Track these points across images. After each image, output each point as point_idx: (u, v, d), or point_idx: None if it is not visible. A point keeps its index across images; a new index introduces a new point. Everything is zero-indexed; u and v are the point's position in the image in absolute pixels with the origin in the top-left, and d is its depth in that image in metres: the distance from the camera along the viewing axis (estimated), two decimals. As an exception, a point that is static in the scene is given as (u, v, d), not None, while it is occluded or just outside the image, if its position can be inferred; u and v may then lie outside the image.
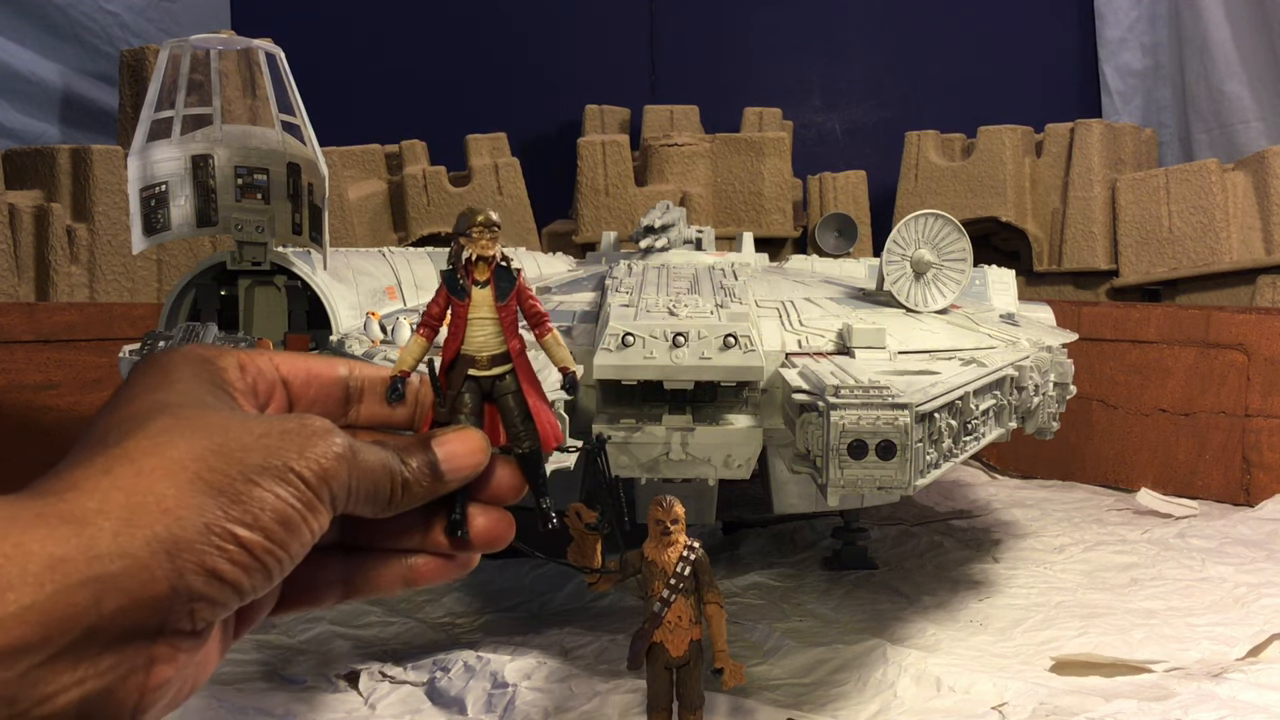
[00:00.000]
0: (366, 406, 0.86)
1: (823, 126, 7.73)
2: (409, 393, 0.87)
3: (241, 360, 0.79)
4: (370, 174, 6.54)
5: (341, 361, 0.86)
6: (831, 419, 2.09)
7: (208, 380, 0.75)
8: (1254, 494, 4.59)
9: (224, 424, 0.69)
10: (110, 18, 6.67)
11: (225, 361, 0.78)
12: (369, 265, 3.60)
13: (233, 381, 0.77)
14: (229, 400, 0.75)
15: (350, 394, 0.85)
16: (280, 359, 0.81)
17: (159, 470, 0.64)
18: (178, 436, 0.67)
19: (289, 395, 0.82)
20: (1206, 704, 2.55)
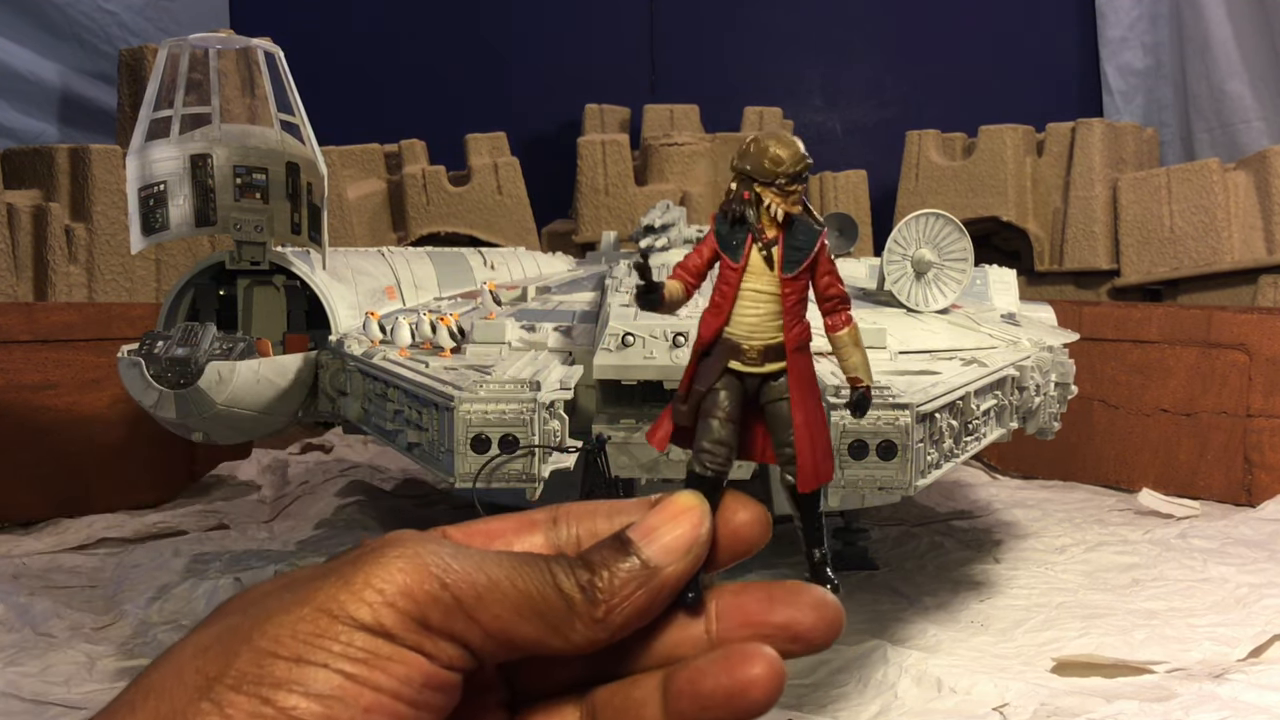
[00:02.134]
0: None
1: (823, 126, 7.72)
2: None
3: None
4: (369, 173, 6.54)
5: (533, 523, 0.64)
6: (832, 419, 2.08)
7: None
8: (1255, 494, 4.58)
9: (262, 608, 0.54)
10: (109, 17, 6.66)
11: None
12: (368, 265, 3.59)
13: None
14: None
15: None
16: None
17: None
18: (201, 655, 0.53)
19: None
20: (1208, 705, 2.54)
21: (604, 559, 0.59)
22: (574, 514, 0.65)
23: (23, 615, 3.23)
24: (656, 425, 0.70)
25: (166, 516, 4.43)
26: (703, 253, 0.69)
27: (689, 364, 0.69)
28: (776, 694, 0.58)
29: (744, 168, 0.67)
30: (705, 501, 0.63)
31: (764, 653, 0.58)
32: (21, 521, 4.29)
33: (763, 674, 0.57)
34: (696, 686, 0.58)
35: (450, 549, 0.56)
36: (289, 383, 3.01)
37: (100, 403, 4.51)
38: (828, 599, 0.63)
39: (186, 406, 2.82)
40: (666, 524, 0.61)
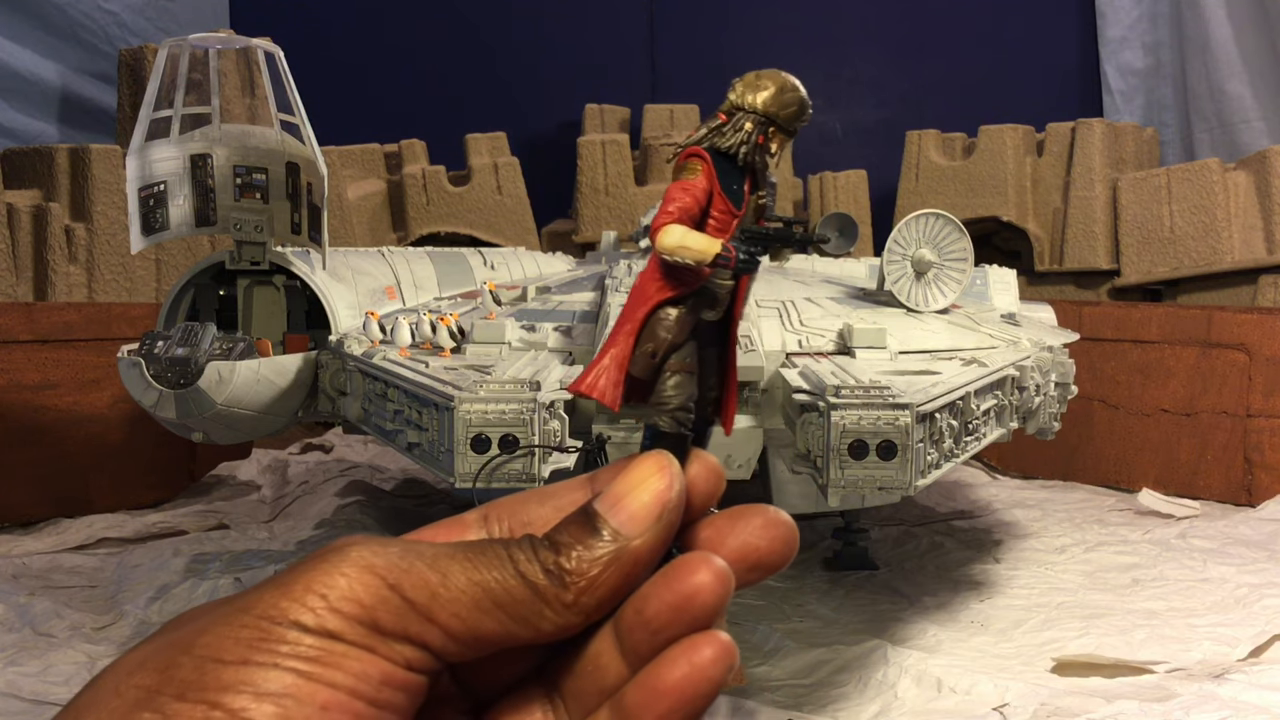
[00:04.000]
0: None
1: (823, 126, 7.72)
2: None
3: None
4: (369, 173, 6.54)
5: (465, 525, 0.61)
6: (832, 419, 2.08)
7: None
8: (1255, 494, 4.58)
9: (197, 628, 0.51)
10: (109, 17, 6.66)
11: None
12: (368, 265, 3.59)
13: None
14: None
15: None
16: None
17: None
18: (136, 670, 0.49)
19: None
20: (1208, 705, 2.54)
21: (571, 536, 0.55)
22: (504, 507, 0.61)
23: (23, 615, 3.23)
24: (594, 378, 0.63)
25: (166, 516, 4.43)
26: (699, 197, 0.65)
27: (643, 309, 0.64)
28: (725, 597, 0.55)
29: (773, 112, 0.65)
30: (675, 461, 0.59)
31: (706, 559, 0.55)
32: (21, 521, 4.29)
33: (708, 579, 0.54)
34: (643, 613, 0.55)
35: (400, 548, 0.53)
36: (289, 383, 3.01)
37: (100, 403, 4.51)
38: (779, 517, 0.59)
39: (186, 406, 2.82)
40: (634, 490, 0.57)
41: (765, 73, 0.66)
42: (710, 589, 0.54)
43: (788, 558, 0.59)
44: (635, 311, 0.64)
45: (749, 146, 0.65)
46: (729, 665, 0.54)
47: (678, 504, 0.57)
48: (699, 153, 0.65)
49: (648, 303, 0.64)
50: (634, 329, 0.63)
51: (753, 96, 0.65)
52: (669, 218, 0.63)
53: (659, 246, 0.62)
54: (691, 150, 0.66)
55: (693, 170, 0.65)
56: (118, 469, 4.54)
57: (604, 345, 0.64)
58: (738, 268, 0.65)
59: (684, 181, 0.65)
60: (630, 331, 0.63)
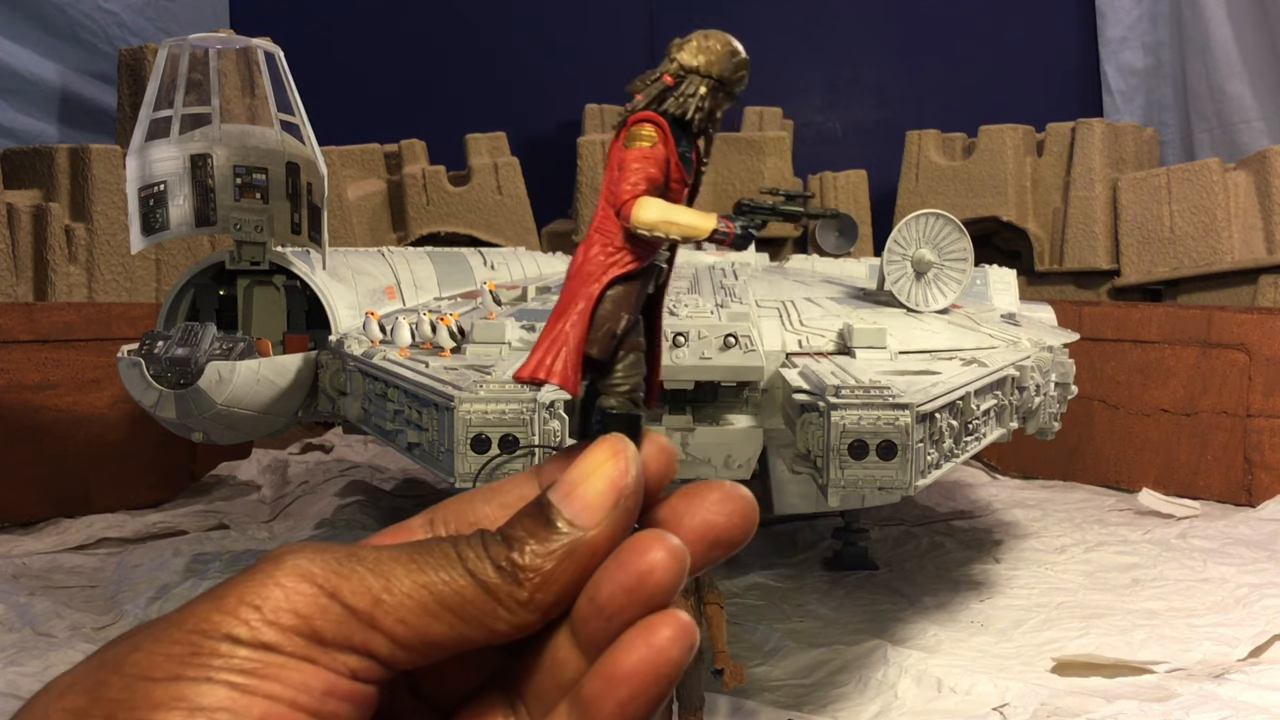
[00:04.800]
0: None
1: (823, 126, 7.72)
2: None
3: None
4: (369, 173, 6.54)
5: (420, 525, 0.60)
6: (832, 419, 2.08)
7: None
8: (1256, 494, 4.58)
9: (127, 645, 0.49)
10: (109, 16, 6.66)
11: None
12: (368, 265, 3.59)
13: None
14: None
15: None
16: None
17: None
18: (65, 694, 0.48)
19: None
20: (1208, 705, 2.54)
21: (524, 530, 0.53)
22: (450, 509, 0.59)
23: (23, 615, 3.23)
24: (549, 362, 0.59)
25: (166, 516, 4.43)
26: (662, 165, 0.61)
27: (595, 285, 0.60)
28: (680, 575, 0.52)
29: (725, 75, 0.64)
30: (630, 444, 0.56)
31: (659, 536, 0.52)
32: (21, 521, 4.29)
33: (661, 556, 0.52)
34: (596, 600, 0.52)
35: (341, 554, 0.51)
36: (289, 383, 3.01)
37: (100, 403, 4.51)
38: (736, 491, 0.57)
39: (186, 406, 2.82)
40: (588, 478, 0.54)
41: (712, 33, 0.65)
42: (664, 567, 0.52)
43: (748, 532, 0.57)
44: (585, 289, 0.60)
45: (703, 112, 0.63)
46: (689, 644, 0.52)
47: (634, 489, 0.54)
48: (653, 118, 0.62)
49: (600, 279, 0.60)
50: (588, 308, 0.59)
51: (705, 59, 0.64)
52: (638, 189, 0.60)
53: (637, 222, 0.59)
54: (644, 115, 0.62)
55: (648, 137, 0.62)
56: (118, 469, 4.54)
57: (547, 326, 0.60)
58: (737, 242, 0.62)
59: (642, 150, 0.62)
60: (584, 310, 0.59)
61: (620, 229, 0.60)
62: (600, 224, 0.61)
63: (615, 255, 0.60)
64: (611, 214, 0.61)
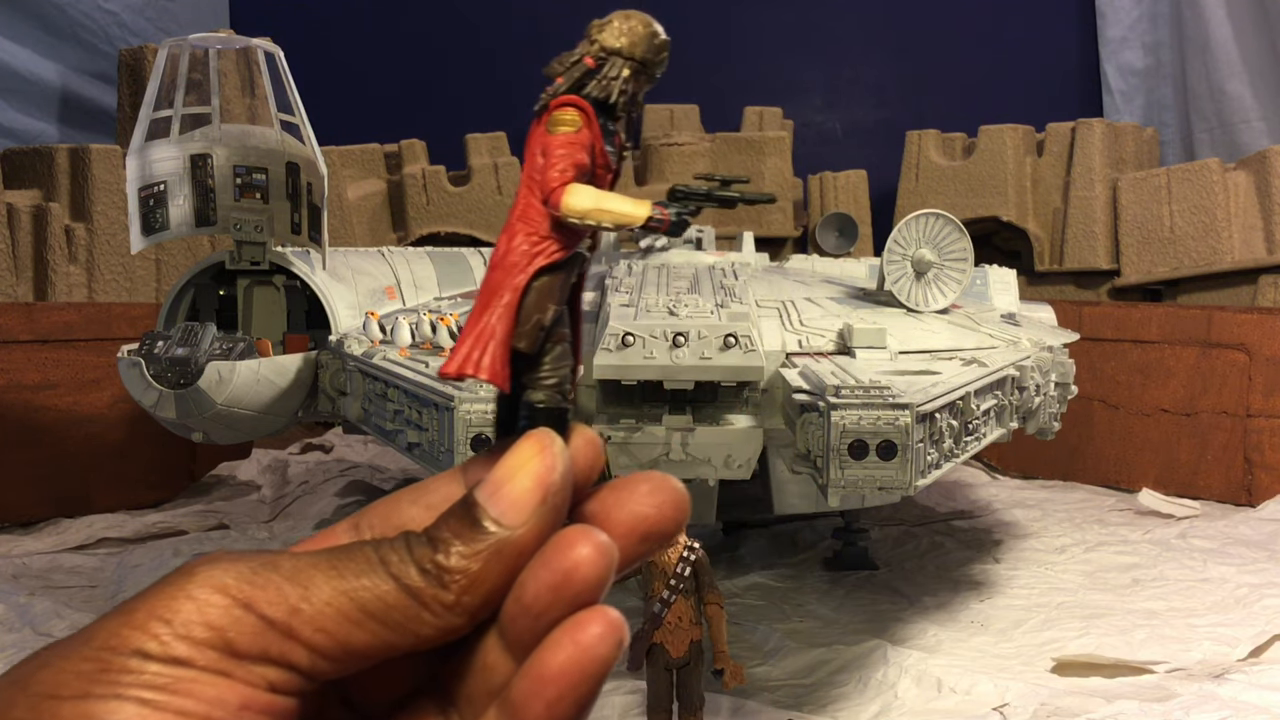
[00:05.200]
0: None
1: (823, 126, 7.72)
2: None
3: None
4: (369, 173, 6.54)
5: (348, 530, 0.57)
6: (832, 419, 2.08)
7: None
8: (1255, 494, 4.58)
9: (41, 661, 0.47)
10: (109, 17, 6.66)
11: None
12: (368, 265, 3.59)
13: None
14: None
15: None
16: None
17: None
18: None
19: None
20: (1208, 705, 2.54)
21: (450, 531, 0.51)
22: (376, 513, 0.57)
23: (23, 615, 3.23)
24: (476, 356, 0.57)
25: (166, 516, 4.43)
26: (587, 150, 0.59)
27: (520, 276, 0.58)
28: (607, 570, 0.50)
29: (648, 58, 0.61)
30: (557, 439, 0.54)
31: (584, 531, 0.51)
32: (21, 521, 4.29)
33: (587, 552, 0.50)
34: (522, 599, 0.50)
35: (257, 562, 0.49)
36: (289, 383, 3.01)
37: (100, 403, 4.51)
38: (665, 482, 0.55)
39: (186, 406, 2.82)
40: (514, 476, 0.52)
41: (633, 13, 0.63)
42: (590, 562, 0.50)
43: (679, 523, 0.55)
44: (510, 280, 0.58)
45: (627, 95, 0.61)
46: (617, 641, 0.50)
47: (562, 485, 0.53)
48: (577, 102, 0.60)
49: (526, 270, 0.58)
50: (514, 300, 0.57)
51: (628, 41, 0.61)
52: (566, 175, 0.58)
53: (568, 210, 0.57)
54: (567, 99, 0.60)
55: (572, 122, 0.59)
56: (118, 469, 4.54)
57: (471, 320, 0.58)
58: (672, 229, 0.61)
59: (567, 135, 0.59)
60: (511, 303, 0.57)
61: (546, 218, 0.58)
62: (523, 213, 0.59)
63: (540, 245, 0.58)
64: (535, 202, 0.58)
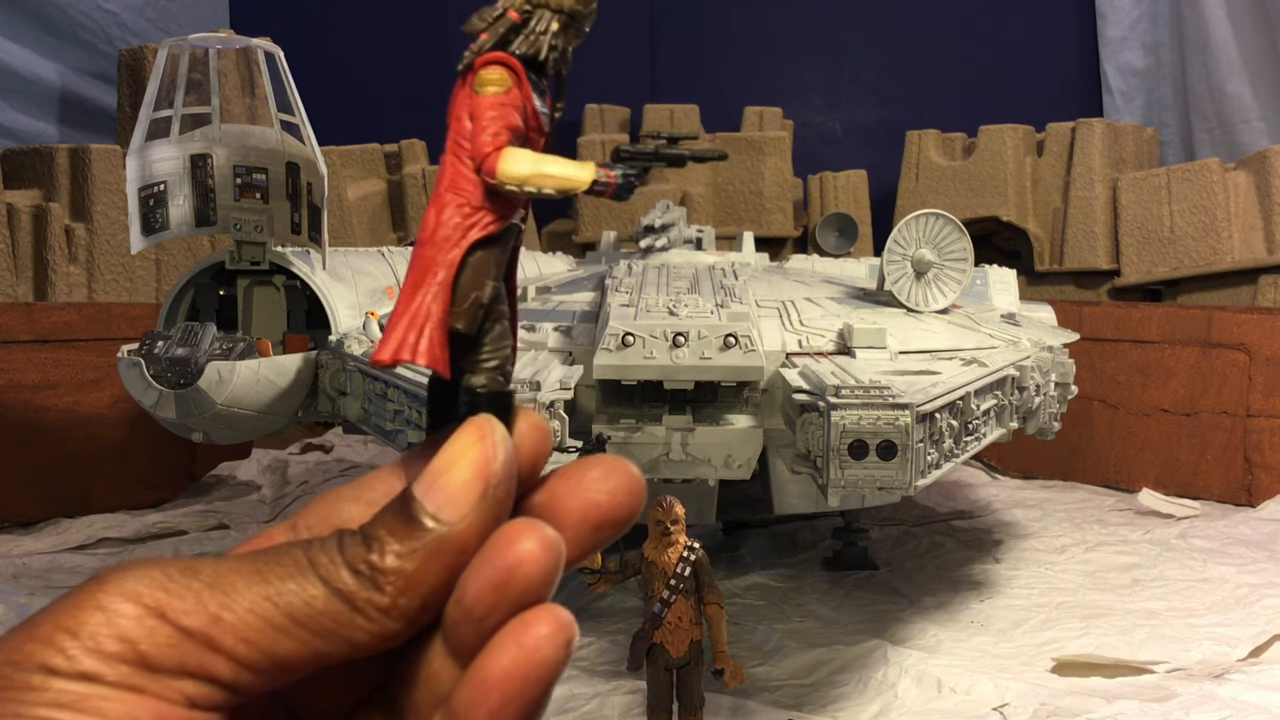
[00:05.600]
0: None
1: (823, 126, 7.72)
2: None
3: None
4: (369, 173, 6.54)
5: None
6: (832, 419, 2.08)
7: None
8: (1256, 494, 4.58)
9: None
10: (109, 17, 6.66)
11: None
12: (368, 265, 3.59)
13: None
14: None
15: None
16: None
17: None
18: None
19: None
20: (1208, 705, 2.54)
21: (385, 528, 0.47)
22: (314, 512, 0.53)
23: (23, 615, 3.22)
24: (411, 341, 0.52)
25: (166, 516, 4.43)
26: (519, 111, 0.54)
27: (455, 251, 0.53)
28: (554, 565, 0.47)
29: (577, 9, 0.55)
30: (499, 426, 0.50)
31: (528, 525, 0.47)
32: (21, 521, 4.29)
33: (531, 547, 0.46)
34: (464, 601, 0.47)
35: (175, 569, 0.46)
36: (289, 383, 3.01)
37: (100, 403, 4.51)
38: (618, 465, 0.52)
39: (186, 406, 2.82)
40: (452, 466, 0.48)
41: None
42: (535, 558, 0.47)
43: (635, 509, 0.52)
44: (444, 255, 0.53)
45: (557, 51, 0.55)
46: (565, 641, 0.46)
47: (504, 475, 0.48)
48: (505, 59, 0.54)
49: (460, 244, 0.53)
50: (449, 277, 0.53)
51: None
52: (500, 139, 0.53)
53: (505, 176, 0.52)
54: (494, 57, 0.54)
55: (501, 82, 0.54)
56: (118, 469, 4.54)
57: (403, 300, 0.53)
58: (618, 193, 0.56)
59: (496, 96, 0.54)
60: (445, 281, 0.52)
61: (478, 186, 0.53)
62: (452, 182, 0.54)
63: (474, 216, 0.53)
64: (465, 171, 0.53)
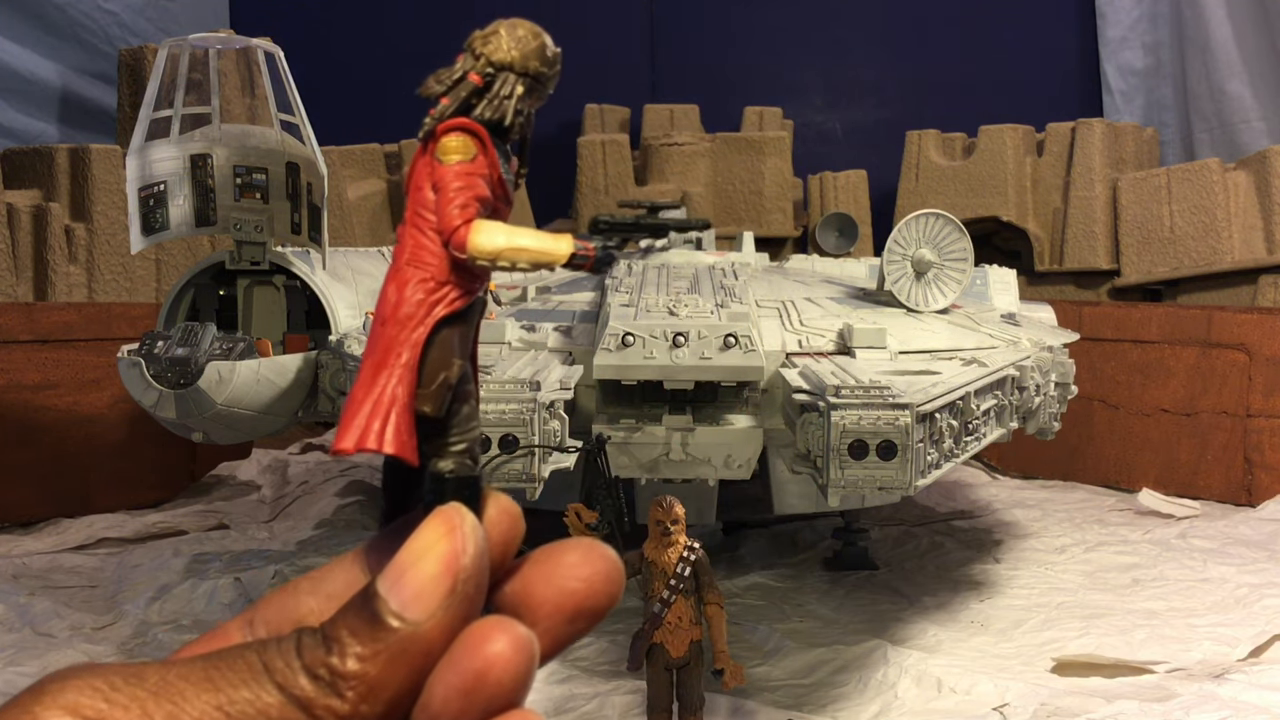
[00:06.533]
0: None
1: (823, 126, 7.71)
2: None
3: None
4: (369, 173, 6.54)
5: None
6: (832, 419, 2.08)
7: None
8: (1255, 494, 4.58)
9: None
10: (109, 17, 6.66)
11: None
12: (368, 265, 3.59)
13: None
14: None
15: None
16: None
17: None
18: None
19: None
20: (1208, 705, 2.54)
21: (347, 628, 0.44)
22: (271, 606, 0.49)
23: (23, 615, 3.23)
24: (375, 427, 0.49)
25: (166, 516, 4.43)
26: (486, 181, 0.51)
27: (420, 329, 0.50)
28: (526, 668, 0.44)
29: (541, 71, 0.53)
30: (468, 515, 0.47)
31: (499, 624, 0.44)
32: (21, 521, 4.28)
33: (502, 648, 0.44)
34: (430, 707, 0.44)
35: (118, 677, 0.43)
36: (289, 383, 3.01)
37: (100, 403, 4.51)
38: (595, 551, 0.49)
39: (186, 406, 2.82)
40: (419, 561, 0.45)
41: (519, 22, 0.55)
42: (505, 661, 0.44)
43: (613, 597, 0.49)
44: (407, 334, 0.50)
45: (523, 116, 0.53)
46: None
47: (474, 569, 0.45)
48: (470, 126, 0.52)
49: (425, 321, 0.50)
50: (414, 358, 0.50)
51: (519, 53, 0.54)
52: (468, 212, 0.50)
53: (477, 250, 0.49)
54: (457, 123, 0.53)
55: (464, 150, 0.52)
56: (118, 469, 4.54)
57: (362, 384, 0.50)
58: (597, 265, 0.53)
59: (462, 165, 0.52)
60: (410, 362, 0.50)
61: (443, 260, 0.50)
62: (414, 255, 0.51)
63: (439, 292, 0.51)
64: (427, 243, 0.51)
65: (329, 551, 3.89)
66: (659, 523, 2.25)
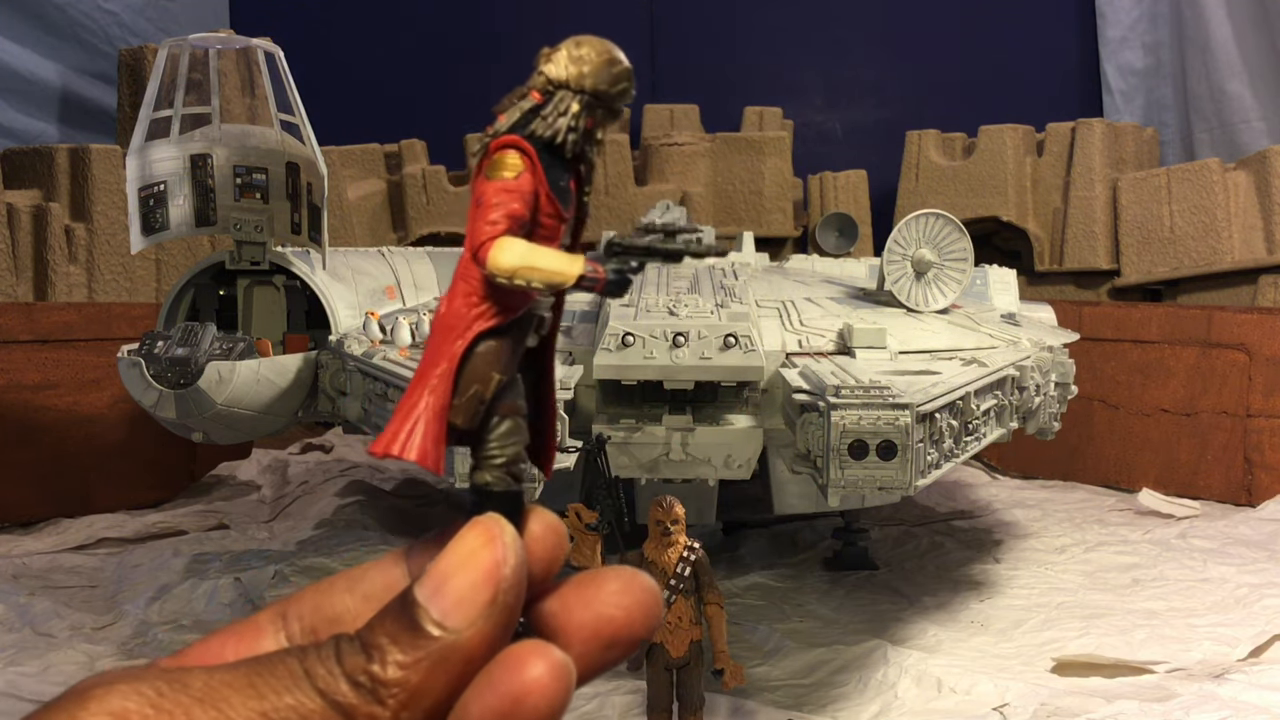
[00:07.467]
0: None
1: (823, 126, 7.71)
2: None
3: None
4: (369, 173, 6.54)
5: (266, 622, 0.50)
6: (832, 419, 2.08)
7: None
8: (1255, 494, 4.58)
9: None
10: (109, 17, 6.66)
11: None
12: (368, 265, 3.59)
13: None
14: None
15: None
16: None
17: None
18: None
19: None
20: (1208, 705, 2.53)
21: (386, 635, 0.44)
22: (305, 601, 0.50)
23: (23, 615, 3.23)
24: (405, 436, 0.50)
25: (166, 516, 4.43)
26: (527, 199, 0.51)
27: (459, 342, 0.51)
28: (564, 695, 0.44)
29: (602, 90, 0.54)
30: (508, 527, 0.47)
31: (538, 649, 0.45)
32: (21, 521, 4.28)
33: (540, 673, 0.44)
34: (464, 718, 0.44)
35: (161, 683, 0.42)
36: (289, 383, 3.01)
37: (100, 403, 4.51)
38: (636, 580, 0.48)
39: (186, 406, 2.82)
40: (460, 570, 0.45)
41: (585, 39, 0.56)
42: (543, 687, 0.44)
43: (649, 628, 0.49)
44: (448, 346, 0.51)
45: (578, 134, 0.53)
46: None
47: (514, 580, 0.46)
48: (518, 143, 0.52)
49: (465, 334, 0.51)
50: (451, 369, 0.50)
51: (577, 71, 0.54)
52: (496, 228, 0.50)
53: (493, 267, 0.50)
54: (507, 140, 0.52)
55: (512, 167, 0.52)
56: (118, 469, 4.54)
57: (409, 389, 0.51)
58: (609, 289, 0.52)
59: (504, 182, 0.51)
60: (446, 373, 0.50)
61: (484, 275, 0.51)
62: (463, 269, 0.51)
63: (480, 306, 0.51)
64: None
65: (329, 551, 3.89)
66: (659, 523, 2.25)
